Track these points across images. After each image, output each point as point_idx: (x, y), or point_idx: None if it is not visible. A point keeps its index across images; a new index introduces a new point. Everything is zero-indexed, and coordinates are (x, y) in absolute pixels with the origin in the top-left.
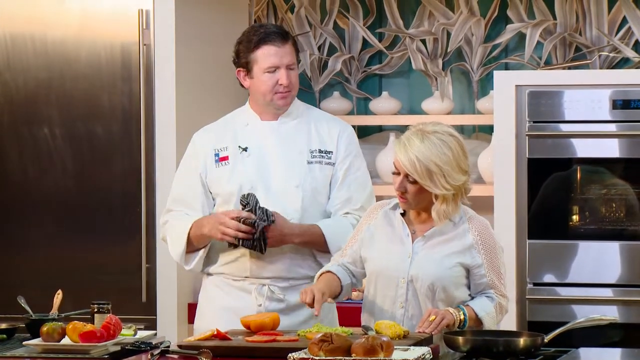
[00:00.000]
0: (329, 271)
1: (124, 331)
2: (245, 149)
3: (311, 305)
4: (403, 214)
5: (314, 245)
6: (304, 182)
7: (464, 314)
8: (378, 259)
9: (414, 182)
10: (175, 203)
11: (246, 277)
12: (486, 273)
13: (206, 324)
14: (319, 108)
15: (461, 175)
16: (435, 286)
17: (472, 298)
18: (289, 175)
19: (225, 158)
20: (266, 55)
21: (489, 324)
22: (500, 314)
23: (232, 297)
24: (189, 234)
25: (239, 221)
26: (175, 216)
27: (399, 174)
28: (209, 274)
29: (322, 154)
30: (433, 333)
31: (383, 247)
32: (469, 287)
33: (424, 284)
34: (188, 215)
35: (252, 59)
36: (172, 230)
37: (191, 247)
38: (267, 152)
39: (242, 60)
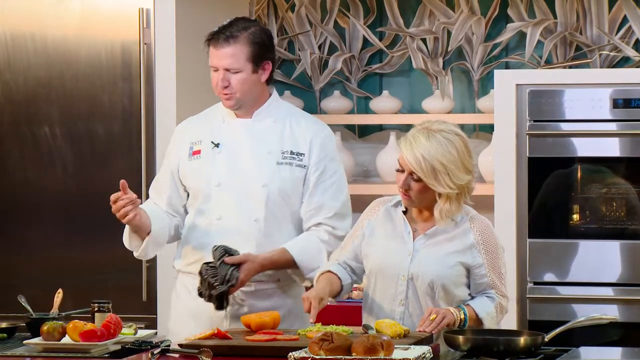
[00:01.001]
0: (329, 271)
1: (124, 330)
2: (217, 145)
3: (308, 312)
4: (405, 212)
5: (286, 268)
6: (270, 183)
7: (465, 314)
8: (378, 255)
9: (418, 180)
10: (152, 190)
11: None
12: (487, 273)
13: (174, 326)
14: (320, 107)
15: (465, 175)
16: (435, 284)
17: (472, 297)
18: (256, 174)
19: (197, 152)
20: (210, 55)
21: (489, 324)
22: (500, 314)
23: (198, 301)
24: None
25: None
26: (145, 204)
27: (403, 171)
28: (179, 271)
29: (293, 156)
30: (433, 332)
31: (383, 244)
32: (469, 287)
33: (424, 282)
34: (155, 205)
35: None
36: None
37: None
38: (238, 150)
39: None
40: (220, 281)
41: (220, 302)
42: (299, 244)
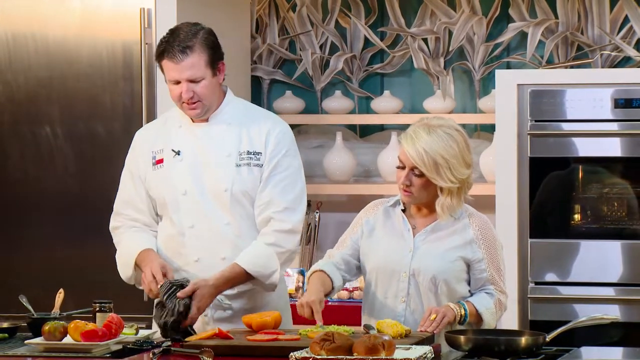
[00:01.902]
0: (321, 270)
1: (125, 330)
2: (178, 153)
3: (311, 317)
4: (403, 210)
5: (243, 282)
6: (232, 186)
7: (465, 309)
8: (379, 254)
9: (420, 175)
10: (123, 205)
11: None
12: (486, 268)
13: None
14: (321, 107)
15: (465, 169)
16: (437, 280)
17: (472, 294)
18: (218, 179)
19: (160, 161)
20: (167, 69)
21: (488, 320)
22: (499, 310)
23: None
24: (135, 262)
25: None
26: (125, 224)
27: (403, 167)
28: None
29: (251, 156)
30: (435, 332)
31: (383, 242)
32: (469, 283)
33: (425, 278)
34: (136, 221)
35: (162, 69)
36: (121, 249)
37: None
38: (198, 156)
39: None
40: (169, 314)
41: (177, 332)
42: (248, 255)
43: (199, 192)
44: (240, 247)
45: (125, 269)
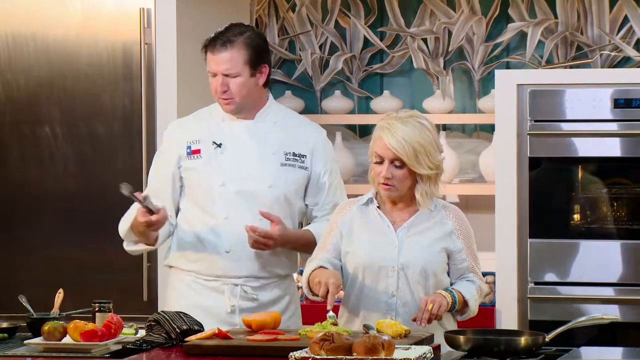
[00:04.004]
0: (321, 266)
1: (125, 330)
2: (219, 145)
3: (324, 297)
4: (378, 207)
5: (304, 249)
6: (276, 184)
7: (454, 297)
8: (362, 251)
9: (400, 166)
10: (156, 191)
11: (218, 277)
12: (466, 257)
13: None
14: (320, 107)
15: (439, 155)
16: (427, 271)
17: (452, 284)
18: (262, 175)
19: (197, 151)
20: (208, 61)
21: (473, 307)
22: (480, 297)
23: (203, 297)
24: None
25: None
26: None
27: (381, 162)
28: (176, 269)
29: (297, 157)
30: (432, 319)
31: (365, 240)
32: (448, 274)
33: (415, 271)
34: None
35: (205, 60)
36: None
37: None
38: (241, 150)
39: None
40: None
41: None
42: (321, 228)
43: (238, 185)
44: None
45: (124, 221)
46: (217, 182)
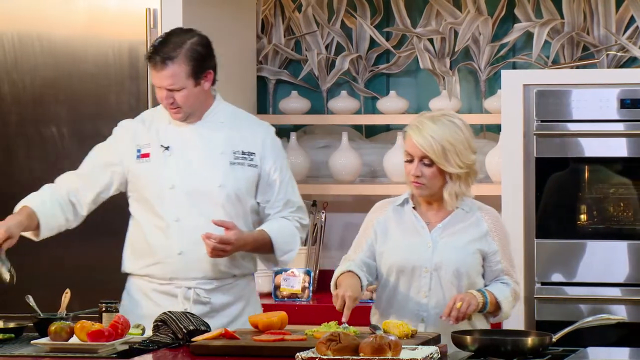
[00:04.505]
0: (350, 271)
1: (131, 330)
2: (167, 148)
3: (341, 310)
4: (414, 208)
5: (261, 250)
6: (226, 183)
7: (486, 298)
8: (396, 252)
9: (429, 164)
10: (74, 179)
11: (171, 280)
12: (500, 260)
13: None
14: (327, 107)
15: (471, 154)
16: (460, 273)
17: (486, 285)
18: (211, 175)
19: (146, 155)
20: (152, 75)
21: (506, 309)
22: (514, 300)
23: (154, 303)
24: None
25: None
26: (54, 186)
27: (412, 160)
28: (132, 275)
29: (246, 155)
30: (459, 320)
31: (400, 240)
32: (483, 276)
33: (448, 272)
34: (67, 194)
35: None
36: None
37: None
38: (189, 152)
39: None
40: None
41: None
42: (275, 227)
43: (188, 187)
44: None
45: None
46: (166, 185)
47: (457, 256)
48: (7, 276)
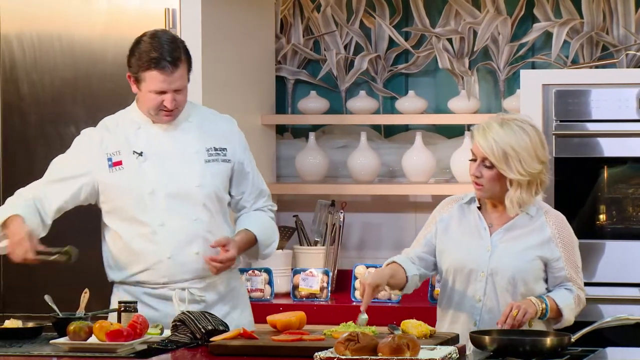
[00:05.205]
0: (394, 262)
1: (150, 330)
2: (140, 154)
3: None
4: (479, 208)
5: (246, 248)
6: (204, 181)
7: (546, 304)
8: (455, 253)
9: (490, 167)
10: (40, 188)
11: (165, 283)
12: (564, 266)
13: None
14: (345, 107)
15: (537, 164)
16: (516, 279)
17: (549, 291)
18: (189, 176)
19: (119, 163)
20: (154, 80)
21: (568, 316)
22: (578, 306)
23: (149, 308)
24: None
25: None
26: (23, 195)
27: (475, 160)
28: (120, 283)
29: (218, 152)
30: (514, 327)
31: (460, 240)
32: (546, 281)
33: (503, 277)
34: (26, 204)
35: (142, 77)
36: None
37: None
38: (163, 155)
39: (132, 71)
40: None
41: None
42: (257, 222)
43: (167, 190)
44: (208, 242)
45: None
46: (145, 191)
47: (514, 262)
48: (62, 258)
